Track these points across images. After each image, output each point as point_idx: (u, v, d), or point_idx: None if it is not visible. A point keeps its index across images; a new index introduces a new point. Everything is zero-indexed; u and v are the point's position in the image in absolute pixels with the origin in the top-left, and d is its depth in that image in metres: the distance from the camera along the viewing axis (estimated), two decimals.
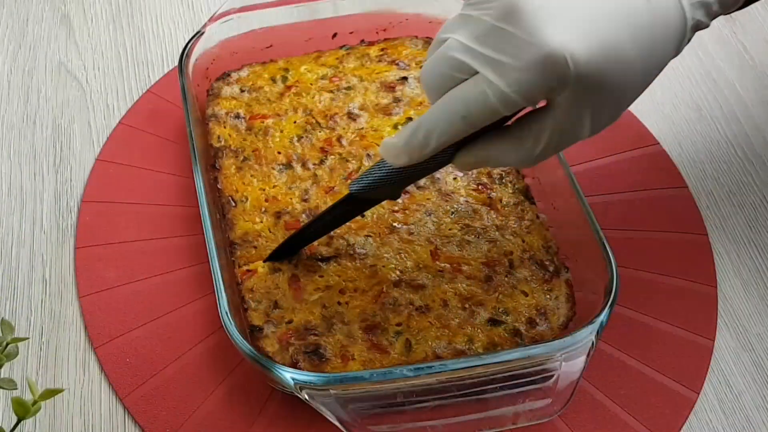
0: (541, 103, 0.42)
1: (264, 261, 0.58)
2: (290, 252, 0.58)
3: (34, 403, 0.42)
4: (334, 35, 0.71)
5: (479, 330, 0.54)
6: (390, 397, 0.50)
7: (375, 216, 0.60)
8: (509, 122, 0.44)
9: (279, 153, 0.63)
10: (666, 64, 0.42)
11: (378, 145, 0.63)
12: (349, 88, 0.67)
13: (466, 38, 0.41)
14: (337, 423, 0.48)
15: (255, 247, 0.59)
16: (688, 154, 0.72)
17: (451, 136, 0.42)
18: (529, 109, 0.42)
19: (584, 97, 0.40)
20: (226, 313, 0.50)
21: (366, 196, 0.51)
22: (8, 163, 0.70)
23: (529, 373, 0.50)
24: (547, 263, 0.58)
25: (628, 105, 0.42)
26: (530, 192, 0.62)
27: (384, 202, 0.60)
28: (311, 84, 0.68)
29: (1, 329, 0.45)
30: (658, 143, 0.71)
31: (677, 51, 0.42)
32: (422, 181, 0.61)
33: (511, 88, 0.39)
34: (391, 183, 0.49)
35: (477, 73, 0.40)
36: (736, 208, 0.68)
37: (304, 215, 0.60)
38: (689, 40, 0.42)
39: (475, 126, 0.42)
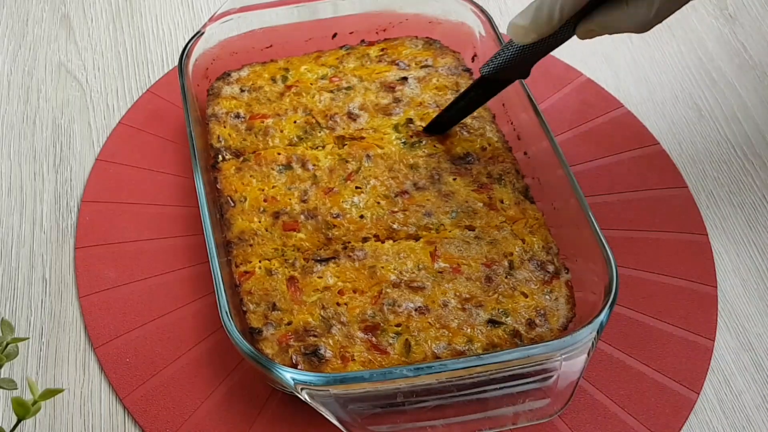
0: None
1: (423, 130, 0.64)
2: (438, 131, 0.64)
3: (34, 403, 0.42)
4: (334, 35, 0.71)
5: (479, 331, 0.54)
6: (390, 397, 0.50)
7: (374, 217, 0.60)
8: None
9: (279, 153, 0.63)
10: None
11: (377, 146, 0.63)
12: (349, 88, 0.67)
13: None
14: (336, 423, 0.48)
15: (251, 246, 0.58)
16: (688, 154, 0.72)
17: (572, 6, 0.47)
18: None
19: None
20: (227, 313, 0.50)
21: (497, 77, 0.56)
22: (8, 163, 0.70)
23: (529, 373, 0.50)
24: (547, 264, 0.58)
25: None
26: (530, 192, 0.62)
27: (383, 203, 0.60)
28: (311, 84, 0.68)
29: (1, 329, 0.45)
30: (658, 143, 0.71)
31: None
32: (422, 182, 0.61)
33: None
34: (519, 62, 0.54)
35: None
36: (736, 208, 0.68)
37: (302, 216, 0.60)
38: None
39: None
